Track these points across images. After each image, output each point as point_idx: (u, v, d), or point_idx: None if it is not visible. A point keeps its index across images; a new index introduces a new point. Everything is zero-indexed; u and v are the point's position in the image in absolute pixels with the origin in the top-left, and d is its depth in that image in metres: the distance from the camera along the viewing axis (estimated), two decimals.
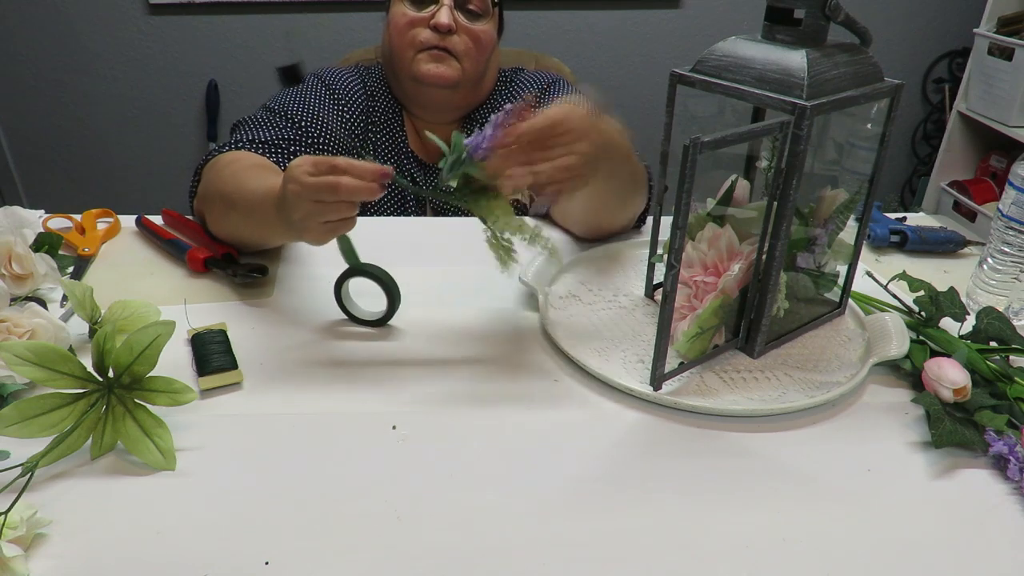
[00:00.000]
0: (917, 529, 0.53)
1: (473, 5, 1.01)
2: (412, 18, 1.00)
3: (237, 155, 0.90)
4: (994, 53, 2.01)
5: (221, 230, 0.86)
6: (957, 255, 0.96)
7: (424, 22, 0.99)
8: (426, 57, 1.00)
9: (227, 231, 0.85)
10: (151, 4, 2.07)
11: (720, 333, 0.68)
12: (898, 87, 0.65)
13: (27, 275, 0.74)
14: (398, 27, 1.01)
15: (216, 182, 0.85)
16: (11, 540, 0.47)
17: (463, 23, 1.00)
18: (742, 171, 0.71)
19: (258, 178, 0.79)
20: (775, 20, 0.63)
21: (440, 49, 1.00)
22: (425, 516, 0.53)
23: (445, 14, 0.98)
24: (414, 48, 1.00)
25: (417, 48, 1.00)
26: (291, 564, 0.49)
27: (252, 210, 0.76)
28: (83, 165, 2.30)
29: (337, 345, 0.72)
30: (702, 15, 2.23)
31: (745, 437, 0.61)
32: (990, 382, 0.66)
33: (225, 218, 0.83)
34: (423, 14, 0.99)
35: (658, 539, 0.52)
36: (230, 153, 0.91)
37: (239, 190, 0.79)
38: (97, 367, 0.56)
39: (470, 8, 1.01)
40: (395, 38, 1.01)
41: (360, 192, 0.63)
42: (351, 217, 0.66)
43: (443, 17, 0.98)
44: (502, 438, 0.61)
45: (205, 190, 0.87)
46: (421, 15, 0.99)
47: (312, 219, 0.65)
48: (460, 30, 1.00)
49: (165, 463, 0.56)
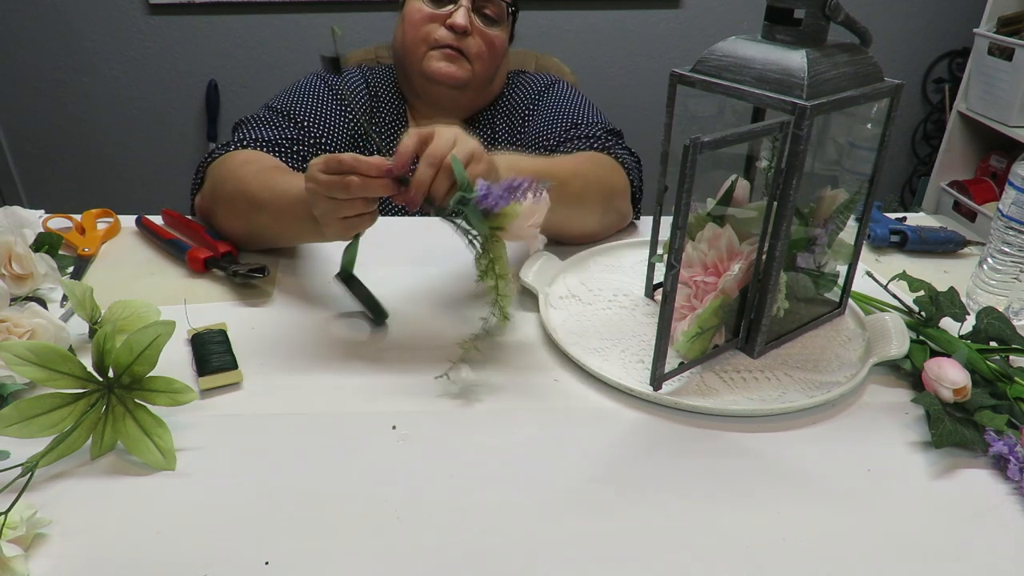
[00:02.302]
0: (917, 529, 0.53)
1: (490, 11, 1.01)
2: (429, 14, 1.00)
3: (252, 155, 0.90)
4: (994, 53, 2.01)
5: (239, 228, 0.85)
6: (957, 255, 0.96)
7: (440, 20, 0.99)
8: (438, 55, 1.00)
9: (248, 230, 0.84)
10: (151, 4, 2.07)
11: (720, 333, 0.68)
12: (898, 87, 0.65)
13: (27, 275, 0.74)
14: (413, 22, 1.00)
15: (233, 181, 0.84)
16: (11, 540, 0.47)
17: (479, 26, 1.00)
18: (742, 171, 0.71)
19: (284, 180, 0.79)
20: (775, 20, 0.63)
21: (453, 49, 1.00)
22: (425, 516, 0.53)
23: (462, 15, 0.98)
24: (427, 44, 1.00)
25: (431, 45, 1.00)
26: (291, 564, 0.49)
27: (283, 211, 0.77)
28: (83, 165, 2.30)
29: (337, 345, 0.72)
30: (702, 15, 2.23)
31: (745, 437, 0.61)
32: (990, 382, 0.66)
33: (248, 217, 0.82)
34: (440, 11, 0.99)
35: (658, 539, 0.52)
36: (243, 152, 0.90)
37: (269, 191, 0.79)
38: (97, 367, 0.56)
39: (487, 13, 1.01)
40: (409, 32, 1.01)
41: (369, 188, 0.63)
42: (369, 213, 0.67)
43: (460, 18, 0.98)
44: (502, 438, 0.61)
45: (218, 189, 0.87)
46: (438, 12, 0.99)
47: (330, 216, 0.66)
48: (475, 33, 1.00)
49: (165, 463, 0.56)
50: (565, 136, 1.00)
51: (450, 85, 1.01)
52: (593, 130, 1.00)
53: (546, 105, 1.06)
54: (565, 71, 1.36)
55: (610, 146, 0.97)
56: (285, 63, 2.18)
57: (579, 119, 1.02)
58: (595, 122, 1.02)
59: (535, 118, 1.06)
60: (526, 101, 1.09)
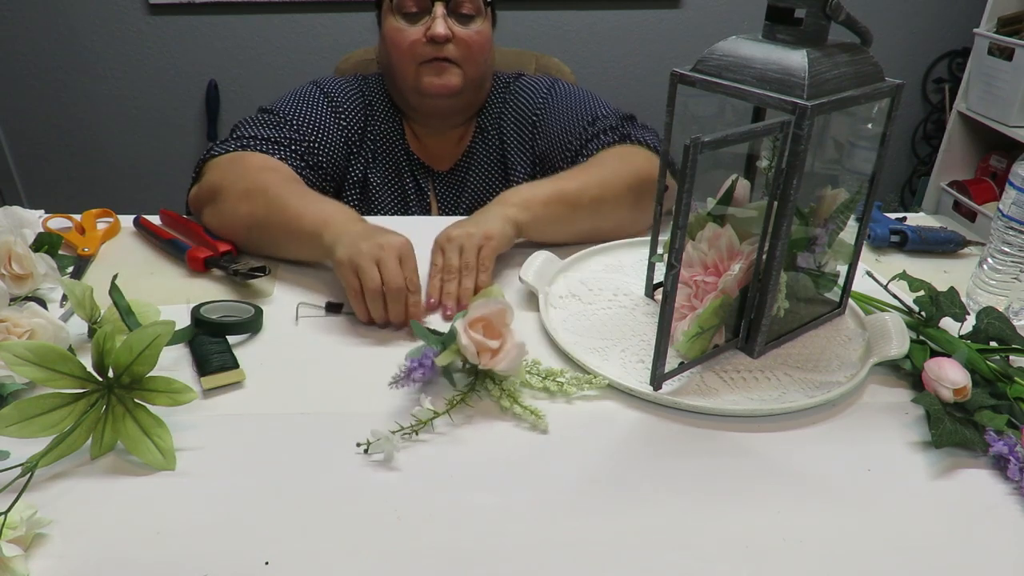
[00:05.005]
0: (917, 529, 0.53)
1: (466, 8, 1.00)
2: (408, 33, 0.99)
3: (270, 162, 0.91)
4: (994, 53, 2.01)
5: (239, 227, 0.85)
6: (957, 255, 0.96)
7: (421, 35, 0.99)
8: (428, 70, 1.00)
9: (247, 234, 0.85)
10: (151, 4, 2.07)
11: (720, 333, 0.68)
12: (898, 87, 0.65)
13: (27, 275, 0.74)
14: (395, 43, 1.00)
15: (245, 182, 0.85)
16: (11, 540, 0.47)
17: (457, 30, 0.99)
18: (742, 171, 0.71)
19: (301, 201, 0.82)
20: (776, 20, 0.63)
21: (440, 60, 1.00)
22: (425, 516, 0.53)
23: (440, 25, 0.97)
24: (415, 62, 1.00)
25: (418, 62, 1.00)
26: (291, 564, 0.49)
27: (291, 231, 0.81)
28: (83, 165, 2.30)
29: (338, 345, 0.72)
30: (702, 15, 2.23)
31: (745, 437, 0.61)
32: (990, 382, 0.66)
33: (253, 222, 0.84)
34: (418, 27, 0.99)
35: (658, 539, 0.52)
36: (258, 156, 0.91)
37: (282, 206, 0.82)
38: (97, 367, 0.56)
39: (463, 12, 1.00)
40: (394, 53, 1.01)
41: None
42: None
43: (439, 28, 0.97)
44: (502, 438, 0.61)
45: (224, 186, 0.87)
46: (416, 29, 0.99)
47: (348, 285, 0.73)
48: (455, 37, 0.99)
49: (165, 463, 0.56)
50: (587, 135, 1.01)
51: (446, 96, 1.02)
52: (610, 121, 1.01)
53: (555, 109, 1.06)
54: (565, 71, 1.36)
55: (627, 133, 0.98)
56: (285, 63, 2.18)
57: (595, 114, 1.03)
58: (609, 113, 1.03)
59: (548, 124, 1.06)
60: (531, 107, 1.08)
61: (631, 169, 0.91)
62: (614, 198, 0.89)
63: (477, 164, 1.11)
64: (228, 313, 0.73)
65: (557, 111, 1.05)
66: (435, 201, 1.12)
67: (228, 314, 0.73)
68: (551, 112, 1.06)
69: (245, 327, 0.72)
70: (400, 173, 1.09)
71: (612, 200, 0.89)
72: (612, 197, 0.89)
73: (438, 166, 1.11)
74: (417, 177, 1.10)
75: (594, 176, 0.90)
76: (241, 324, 0.72)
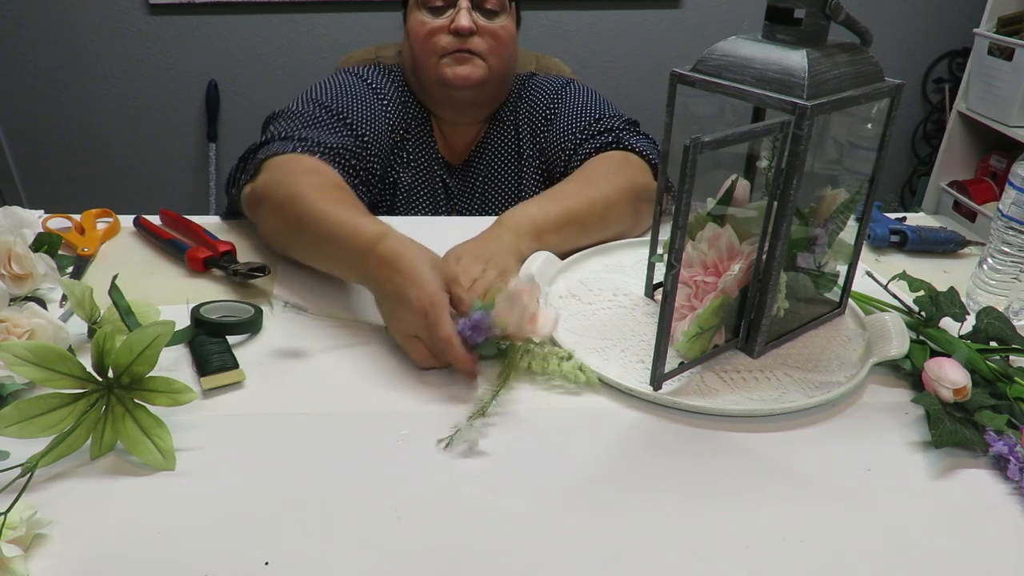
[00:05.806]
0: (917, 529, 0.53)
1: (490, 3, 1.01)
2: (432, 26, 1.00)
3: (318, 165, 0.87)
4: (994, 53, 2.01)
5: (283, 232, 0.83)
6: (957, 255, 0.96)
7: (444, 28, 1.00)
8: (450, 61, 1.01)
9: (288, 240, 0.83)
10: (151, 4, 2.07)
11: (720, 333, 0.68)
12: (898, 87, 0.65)
13: (27, 275, 0.74)
14: (419, 37, 1.01)
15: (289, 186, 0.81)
16: (11, 540, 0.47)
17: (482, 23, 1.00)
18: (742, 171, 0.71)
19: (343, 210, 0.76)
20: (775, 20, 0.63)
21: (463, 51, 1.00)
22: (425, 516, 0.53)
23: (464, 17, 0.98)
24: (437, 54, 1.01)
25: (440, 54, 1.01)
26: (291, 564, 0.49)
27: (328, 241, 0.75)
28: (83, 165, 2.30)
29: (338, 345, 0.72)
30: (702, 15, 2.23)
31: (745, 437, 0.61)
32: (990, 382, 0.66)
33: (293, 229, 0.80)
34: (442, 20, 1.00)
35: (658, 539, 0.52)
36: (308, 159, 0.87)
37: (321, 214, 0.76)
38: (97, 367, 0.56)
39: (487, 7, 1.01)
40: (416, 46, 1.02)
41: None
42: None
43: (463, 20, 0.98)
44: (502, 438, 0.61)
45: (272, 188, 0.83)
46: (440, 22, 1.00)
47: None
48: (480, 30, 1.00)
49: (165, 463, 0.56)
50: (586, 133, 1.02)
51: (468, 87, 1.02)
52: (612, 122, 1.02)
53: (566, 105, 1.07)
54: (565, 71, 1.36)
55: (625, 137, 0.99)
56: (285, 63, 2.18)
57: (599, 114, 1.04)
58: (614, 115, 1.04)
59: (557, 119, 1.07)
60: (545, 101, 1.10)
61: (628, 183, 0.92)
62: (617, 215, 0.90)
63: (489, 159, 1.11)
64: (228, 313, 0.73)
65: (567, 108, 1.07)
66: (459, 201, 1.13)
67: (228, 314, 0.73)
68: (561, 108, 1.08)
69: (245, 327, 0.72)
70: (430, 173, 1.09)
71: (615, 217, 0.90)
72: (616, 215, 0.90)
73: (452, 161, 1.12)
74: (444, 178, 1.11)
75: (597, 192, 0.89)
76: (241, 324, 0.72)
